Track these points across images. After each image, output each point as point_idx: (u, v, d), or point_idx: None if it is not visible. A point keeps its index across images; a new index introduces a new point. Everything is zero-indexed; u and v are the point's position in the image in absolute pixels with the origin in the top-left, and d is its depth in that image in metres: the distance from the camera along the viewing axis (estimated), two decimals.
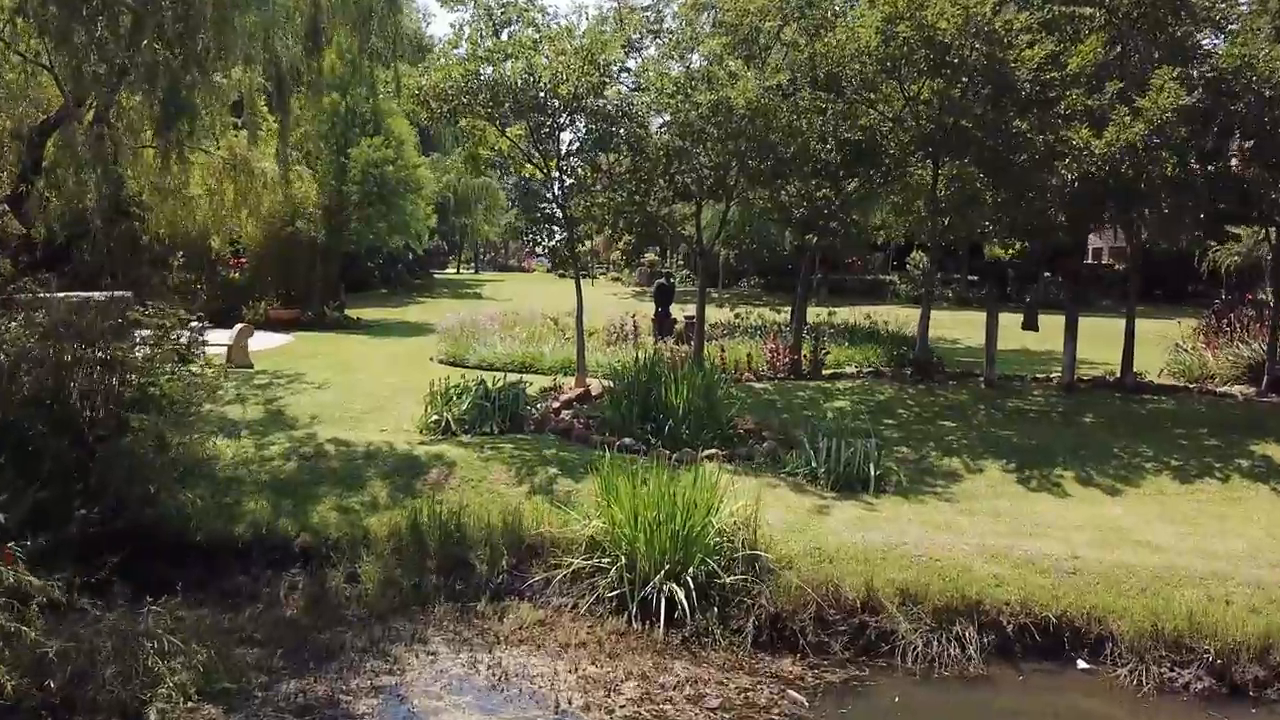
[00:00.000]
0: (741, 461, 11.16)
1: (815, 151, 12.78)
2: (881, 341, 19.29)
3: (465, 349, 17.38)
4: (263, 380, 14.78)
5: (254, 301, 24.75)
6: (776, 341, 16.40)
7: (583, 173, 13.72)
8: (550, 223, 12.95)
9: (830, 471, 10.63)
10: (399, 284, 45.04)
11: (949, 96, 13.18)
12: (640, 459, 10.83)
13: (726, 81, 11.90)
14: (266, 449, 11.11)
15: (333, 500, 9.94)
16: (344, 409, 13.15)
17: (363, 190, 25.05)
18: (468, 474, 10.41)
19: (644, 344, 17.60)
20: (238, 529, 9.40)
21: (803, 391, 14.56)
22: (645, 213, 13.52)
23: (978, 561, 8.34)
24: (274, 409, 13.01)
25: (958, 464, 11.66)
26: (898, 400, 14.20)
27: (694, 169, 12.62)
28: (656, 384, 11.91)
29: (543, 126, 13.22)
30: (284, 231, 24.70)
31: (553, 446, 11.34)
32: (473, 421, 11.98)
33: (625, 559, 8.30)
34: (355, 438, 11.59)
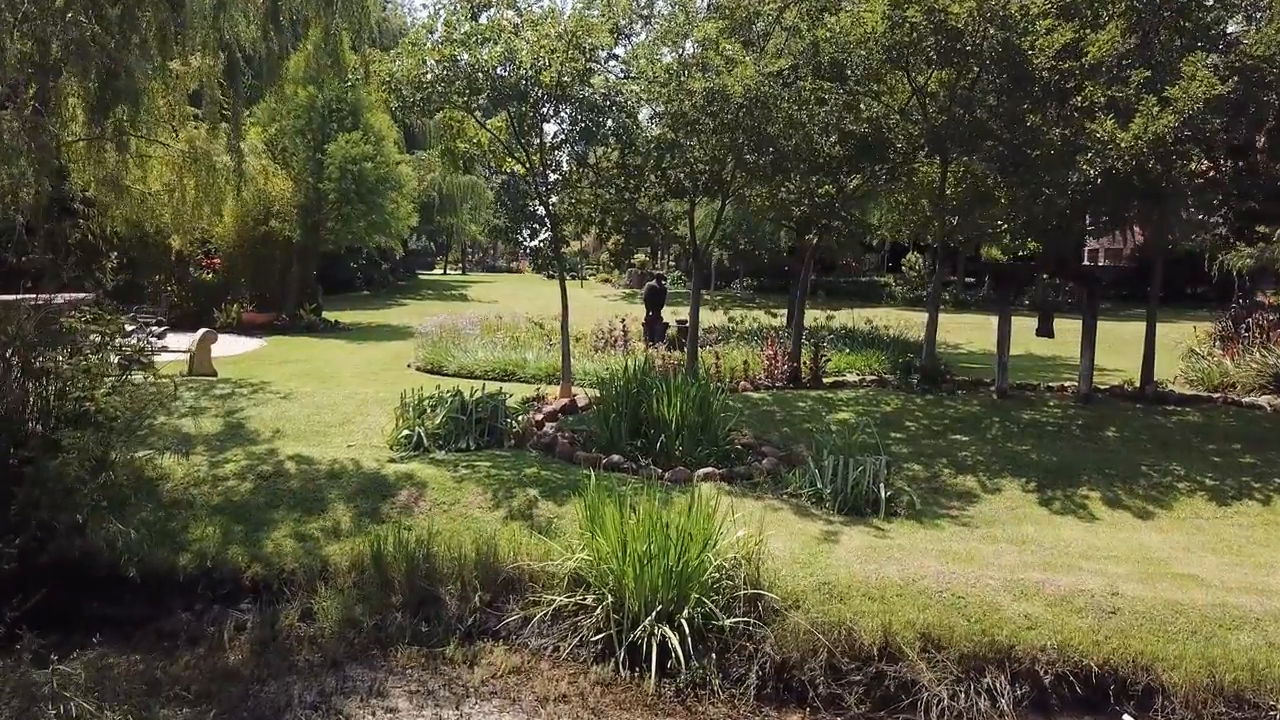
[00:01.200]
0: (741, 481, 10.34)
1: (818, 145, 11.95)
2: (883, 347, 18.53)
3: (444, 355, 16.51)
4: (224, 390, 13.88)
5: (226, 304, 23.86)
6: (774, 348, 15.58)
7: (568, 168, 12.86)
8: (533, 221, 12.10)
9: (837, 493, 9.84)
10: (382, 285, 44.20)
11: (960, 87, 12.38)
12: (630, 479, 10.06)
13: (723, 68, 11.07)
14: (221, 467, 10.22)
15: (290, 526, 9.09)
16: (310, 422, 12.27)
17: (340, 188, 24.16)
18: (440, 496, 9.56)
19: (635, 350, 16.76)
20: (182, 560, 8.54)
21: (803, 402, 13.74)
22: (635, 211, 12.68)
23: (1006, 599, 7.52)
24: (234, 422, 12.12)
25: (973, 483, 10.87)
26: (905, 412, 13.40)
27: (687, 163, 11.78)
28: (647, 395, 11.07)
29: (524, 118, 12.37)
30: (257, 231, 23.81)
31: (534, 465, 10.50)
32: (447, 436, 11.13)
33: (612, 597, 7.46)
34: (319, 454, 10.72)
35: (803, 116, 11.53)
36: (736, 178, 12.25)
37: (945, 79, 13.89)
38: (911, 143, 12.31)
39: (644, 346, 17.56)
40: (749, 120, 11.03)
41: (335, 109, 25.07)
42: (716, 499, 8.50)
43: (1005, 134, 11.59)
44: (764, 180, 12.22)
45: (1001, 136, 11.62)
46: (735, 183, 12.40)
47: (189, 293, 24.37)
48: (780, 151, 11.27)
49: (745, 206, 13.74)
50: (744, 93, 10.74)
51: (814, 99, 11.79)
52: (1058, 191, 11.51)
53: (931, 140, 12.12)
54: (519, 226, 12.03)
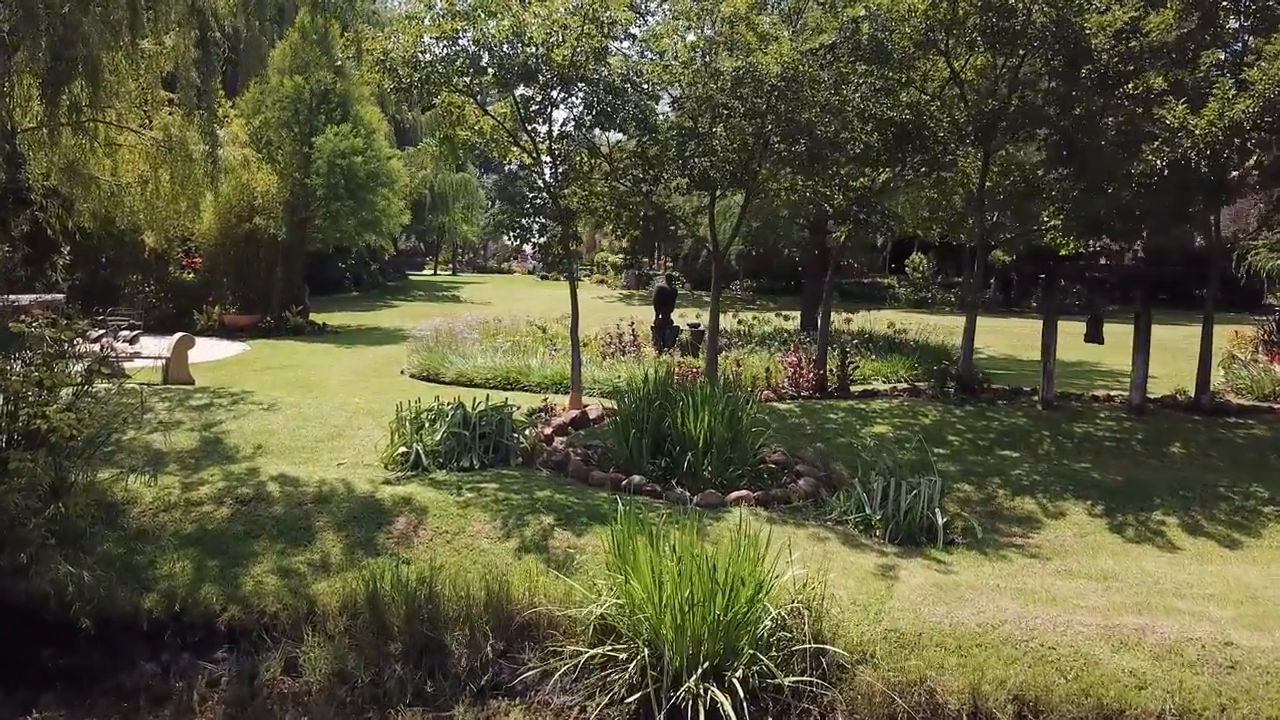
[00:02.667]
0: (778, 506, 9.37)
1: (856, 132, 10.98)
2: (907, 353, 17.56)
3: (441, 361, 15.48)
4: (201, 400, 12.82)
5: (207, 305, 22.77)
6: (798, 354, 14.59)
7: (578, 158, 11.86)
8: (541, 215, 11.09)
9: (888, 520, 8.88)
10: (371, 286, 43.08)
11: (1006, 69, 11.43)
12: (655, 504, 9.07)
13: (755, 45, 10.08)
14: (195, 489, 9.18)
15: (272, 559, 8.06)
16: (295, 436, 11.23)
17: (328, 183, 23.09)
18: (442, 524, 8.54)
19: (646, 356, 15.75)
20: (147, 601, 7.52)
21: (834, 414, 12.77)
22: (652, 204, 11.68)
23: (1104, 649, 6.55)
24: (211, 436, 11.06)
25: (1033, 506, 9.93)
26: (945, 424, 12.44)
27: (713, 152, 10.78)
28: (671, 408, 10.07)
29: (532, 102, 11.36)
30: (240, 228, 22.72)
31: (546, 486, 9.50)
32: (449, 454, 10.11)
33: (648, 650, 6.46)
34: (306, 474, 9.68)
35: (839, 101, 10.55)
36: (765, 168, 11.24)
37: (982, 65, 12.98)
38: (959, 130, 11.32)
39: (655, 352, 16.56)
40: (782, 104, 10.05)
41: (323, 100, 23.98)
42: (759, 529, 7.51)
43: (1062, 120, 10.63)
44: (800, 171, 11.22)
45: (1059, 124, 10.66)
46: (765, 173, 11.41)
47: (167, 293, 23.24)
48: (816, 139, 10.29)
49: (767, 200, 12.76)
50: (780, 73, 9.75)
51: (851, 81, 10.81)
52: (1120, 184, 10.56)
53: (979, 127, 11.14)
54: (529, 221, 11.02)
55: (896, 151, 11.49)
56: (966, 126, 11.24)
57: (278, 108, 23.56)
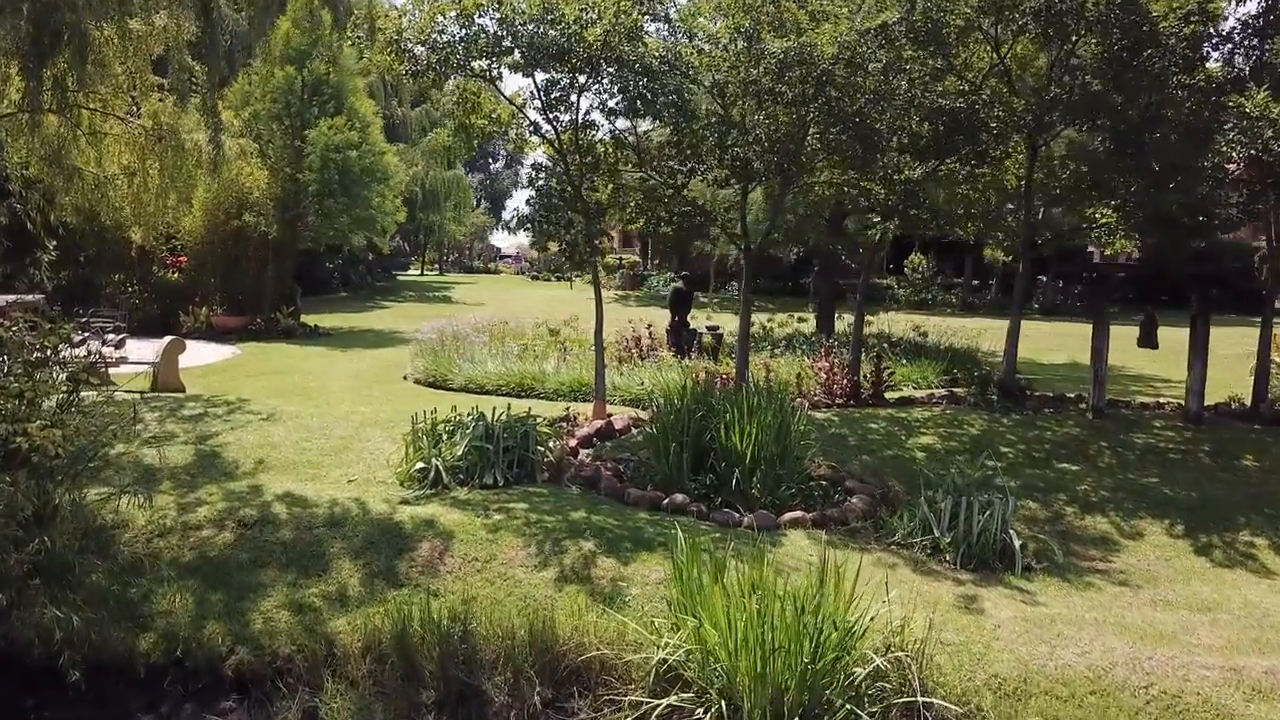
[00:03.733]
0: (835, 527, 8.63)
1: (905, 121, 10.27)
2: (935, 357, 16.88)
3: (448, 367, 14.68)
4: (195, 409, 11.98)
5: (194, 307, 21.86)
6: (829, 358, 13.87)
7: (603, 148, 11.08)
8: (571, 210, 10.29)
9: (958, 542, 8.16)
10: (360, 286, 42.20)
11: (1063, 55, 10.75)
12: (702, 526, 8.34)
13: (806, 24, 9.35)
14: (193, 511, 8.37)
15: (283, 592, 7.27)
16: (299, 449, 10.41)
17: (322, 179, 22.22)
18: (470, 550, 7.76)
19: (664, 361, 14.99)
20: (143, 643, 6.71)
21: (875, 423, 12.05)
22: (684, 198, 10.93)
23: (1236, 698, 5.84)
24: (207, 450, 10.24)
25: (1105, 525, 9.24)
26: (994, 435, 11.74)
27: (757, 140, 10.03)
28: (713, 419, 9.30)
29: (554, 87, 10.59)
30: (229, 225, 21.83)
31: (579, 505, 8.73)
32: (470, 470, 9.33)
33: (723, 701, 5.69)
34: (314, 493, 8.88)
35: (889, 88, 9.83)
36: (817, 159, 10.47)
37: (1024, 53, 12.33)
38: (1017, 119, 10.60)
39: (673, 357, 15.79)
40: (832, 89, 9.32)
41: (316, 92, 23.11)
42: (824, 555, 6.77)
43: (1128, 109, 9.94)
44: (849, 162, 10.48)
45: (1125, 113, 9.97)
46: (815, 164, 10.66)
47: (152, 294, 22.32)
48: (869, 128, 9.57)
49: (803, 194, 12.01)
50: (835, 54, 9.02)
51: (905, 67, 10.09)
52: (1191, 177, 9.88)
53: (1036, 116, 10.43)
54: (556, 217, 10.22)
55: (946, 142, 10.79)
56: (1025, 115, 10.52)
57: (268, 99, 22.70)
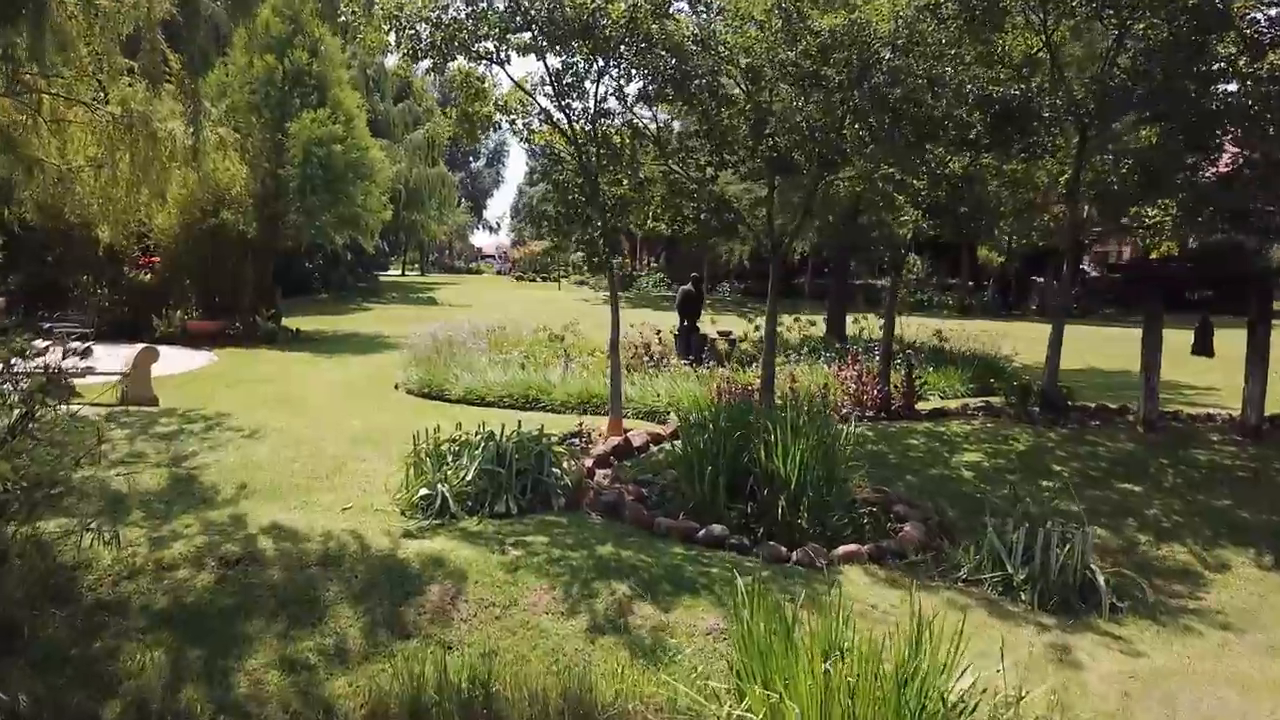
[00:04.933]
0: (893, 561, 7.77)
1: (957, 109, 9.45)
2: (960, 364, 16.07)
3: (444, 376, 13.74)
4: (169, 425, 11.00)
5: (168, 310, 20.78)
6: (855, 366, 13.03)
7: (620, 138, 10.19)
8: (590, 205, 9.38)
9: (1033, 579, 7.32)
10: (341, 287, 41.14)
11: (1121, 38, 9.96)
12: (745, 562, 7.48)
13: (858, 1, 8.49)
14: (167, 547, 7.42)
15: (273, 646, 6.34)
16: (286, 471, 9.47)
17: (304, 174, 21.20)
18: (487, 593, 6.86)
19: (678, 369, 14.09)
20: (108, 713, 5.74)
21: (913, 438, 11.23)
22: (709, 193, 10.06)
23: None
24: (183, 473, 9.28)
25: (1184, 555, 8.44)
26: (1043, 450, 10.95)
27: (798, 129, 9.16)
28: (752, 438, 8.43)
29: (570, 70, 9.70)
30: (206, 223, 20.75)
31: (604, 538, 7.85)
32: (480, 497, 8.43)
33: None
34: (305, 524, 7.95)
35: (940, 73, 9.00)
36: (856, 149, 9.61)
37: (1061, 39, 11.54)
38: (1077, 107, 9.77)
39: (681, 364, 14.91)
40: (879, 74, 8.47)
41: (297, 83, 22.07)
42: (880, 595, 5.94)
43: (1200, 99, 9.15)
44: (898, 153, 9.63)
45: (1196, 102, 9.18)
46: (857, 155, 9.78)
47: (122, 296, 21.21)
48: (928, 115, 8.74)
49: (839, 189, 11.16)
50: (891, 32, 8.18)
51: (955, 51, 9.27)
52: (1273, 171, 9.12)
53: (1100, 104, 9.63)
54: (577, 214, 9.30)
55: (997, 134, 9.98)
56: (1087, 103, 9.71)
57: (246, 90, 21.65)
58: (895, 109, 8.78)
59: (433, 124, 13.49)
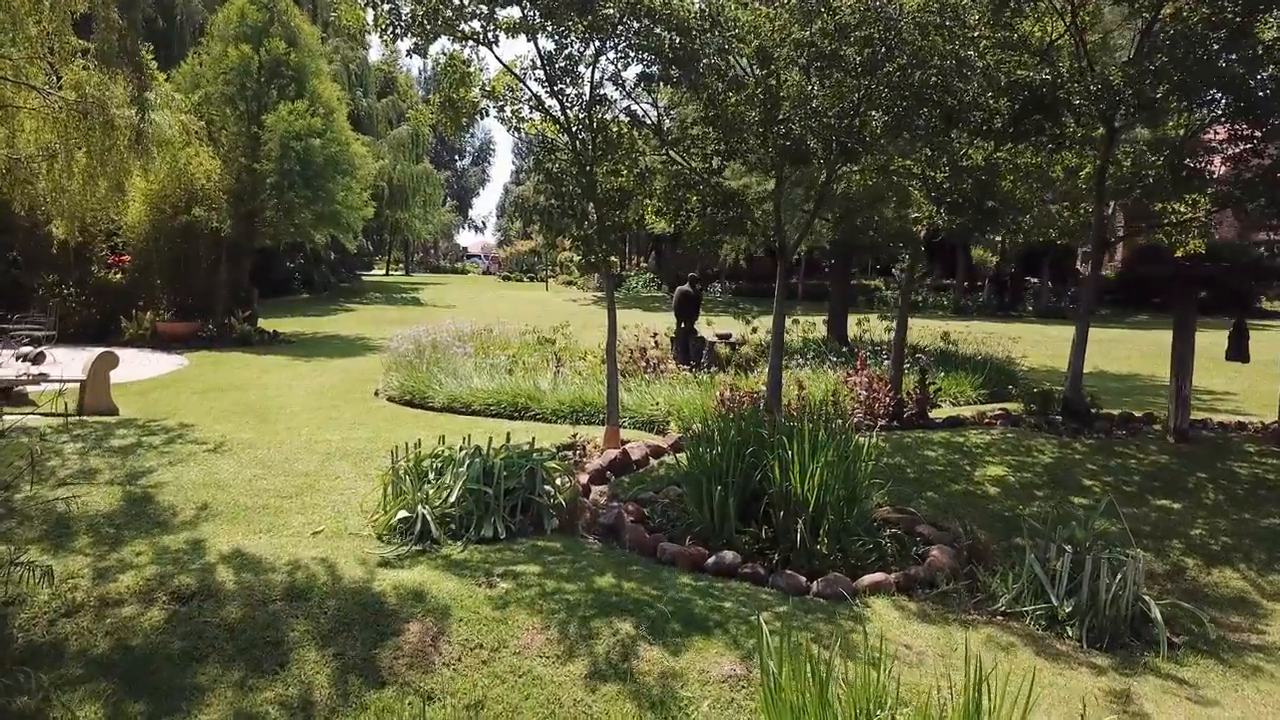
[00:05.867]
0: (923, 592, 7.06)
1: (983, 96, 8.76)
2: (970, 368, 15.43)
3: (427, 383, 12.97)
4: (127, 437, 10.21)
5: (138, 311, 19.92)
6: (865, 372, 12.32)
7: (618, 127, 9.45)
8: (588, 197, 8.63)
9: (1080, 612, 6.63)
10: (323, 287, 40.30)
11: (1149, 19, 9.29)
12: (761, 594, 6.78)
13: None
14: (113, 579, 6.66)
15: (228, 698, 5.59)
16: (252, 490, 8.69)
17: (281, 169, 20.38)
18: (473, 633, 6.12)
19: (677, 375, 13.37)
20: None
21: (931, 450, 10.53)
22: (714, 187, 9.33)
23: None
24: (138, 492, 8.49)
25: (1238, 581, 7.77)
26: (1070, 463, 10.27)
27: (814, 115, 8.42)
28: (765, 454, 7.70)
29: (563, 54, 8.96)
30: (177, 220, 19.91)
31: (604, 566, 7.11)
32: (464, 520, 7.67)
33: None
34: (270, 550, 7.19)
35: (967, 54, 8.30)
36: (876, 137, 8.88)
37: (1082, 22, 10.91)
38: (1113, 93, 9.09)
39: (677, 368, 14.19)
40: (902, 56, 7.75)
41: (275, 73, 21.24)
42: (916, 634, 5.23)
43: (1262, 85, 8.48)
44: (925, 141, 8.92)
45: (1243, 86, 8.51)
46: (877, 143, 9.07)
47: (90, 297, 20.34)
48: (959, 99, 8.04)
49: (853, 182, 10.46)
50: (919, 6, 7.47)
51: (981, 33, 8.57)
52: None
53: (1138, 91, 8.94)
54: (572, 207, 8.55)
55: (1023, 123, 9.29)
56: (1124, 90, 9.02)
57: (221, 81, 20.81)
58: (920, 93, 8.08)
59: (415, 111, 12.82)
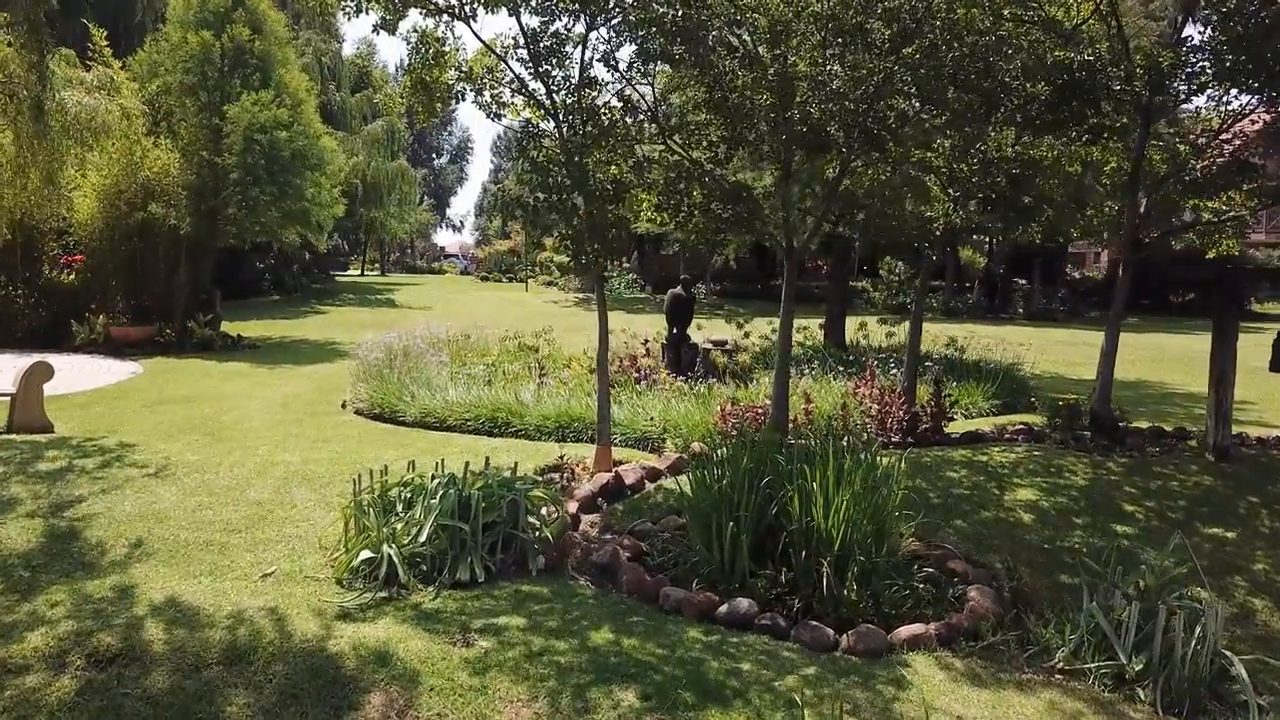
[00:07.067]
0: (967, 645, 6.16)
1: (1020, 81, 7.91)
2: (980, 376, 14.60)
3: (398, 395, 11.98)
4: (57, 460, 9.18)
5: (90, 314, 18.79)
6: (873, 384, 11.45)
7: (609, 114, 8.52)
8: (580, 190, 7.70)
9: (1153, 670, 5.78)
10: (294, 289, 39.12)
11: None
12: (782, 651, 5.88)
13: None
14: (20, 638, 5.68)
15: None
16: (195, 522, 7.70)
17: (245, 163, 19.31)
18: (446, 705, 5.19)
19: (673, 385, 12.45)
20: None
21: (951, 470, 9.67)
22: (716, 180, 8.43)
23: None
24: (63, 527, 7.49)
25: None
26: (1106, 485, 9.43)
27: (835, 98, 7.52)
28: (781, 484, 6.80)
29: (549, 31, 8.04)
30: (133, 217, 18.79)
31: (599, 618, 6.19)
32: (436, 560, 6.72)
33: None
34: (211, 599, 6.22)
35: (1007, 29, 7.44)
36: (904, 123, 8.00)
37: None
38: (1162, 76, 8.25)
39: (670, 378, 13.27)
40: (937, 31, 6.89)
41: (238, 62, 20.15)
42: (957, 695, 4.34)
43: None
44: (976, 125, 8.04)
45: None
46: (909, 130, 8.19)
47: (39, 299, 19.18)
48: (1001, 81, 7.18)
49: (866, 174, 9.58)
50: None
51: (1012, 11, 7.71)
52: None
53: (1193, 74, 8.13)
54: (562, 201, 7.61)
55: (1062, 110, 8.45)
56: (1175, 73, 8.19)
57: (180, 70, 19.70)
58: (954, 74, 7.22)
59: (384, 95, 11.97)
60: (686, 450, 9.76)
